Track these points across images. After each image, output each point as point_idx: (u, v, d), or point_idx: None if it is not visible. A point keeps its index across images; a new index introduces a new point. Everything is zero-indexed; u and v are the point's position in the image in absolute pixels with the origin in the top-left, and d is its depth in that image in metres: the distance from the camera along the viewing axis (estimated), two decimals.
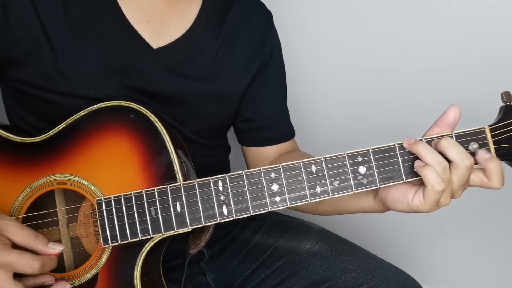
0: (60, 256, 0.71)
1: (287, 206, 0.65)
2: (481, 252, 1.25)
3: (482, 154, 0.62)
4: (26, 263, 0.59)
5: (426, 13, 1.05)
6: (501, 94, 0.66)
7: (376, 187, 0.65)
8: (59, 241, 0.73)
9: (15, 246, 0.62)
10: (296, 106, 0.95)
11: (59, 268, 0.70)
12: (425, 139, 0.65)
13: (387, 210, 0.70)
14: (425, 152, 0.62)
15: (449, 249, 1.27)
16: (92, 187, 0.68)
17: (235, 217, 0.65)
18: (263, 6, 0.91)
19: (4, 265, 0.58)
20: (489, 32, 1.02)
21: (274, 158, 0.90)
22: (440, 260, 1.29)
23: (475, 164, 0.63)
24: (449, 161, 0.62)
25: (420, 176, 0.63)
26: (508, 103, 0.65)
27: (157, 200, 0.66)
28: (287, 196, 0.65)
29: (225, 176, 0.66)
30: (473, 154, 0.63)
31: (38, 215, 0.70)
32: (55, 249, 0.63)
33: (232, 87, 0.83)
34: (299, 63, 1.03)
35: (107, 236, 0.67)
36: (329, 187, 0.65)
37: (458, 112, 0.64)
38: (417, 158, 0.64)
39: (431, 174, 0.61)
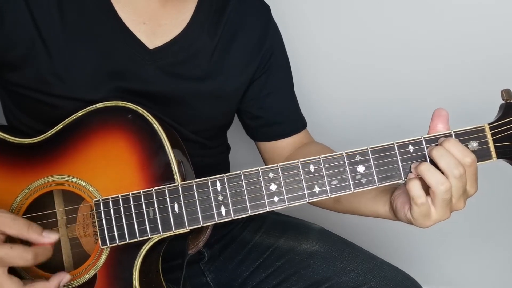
0: (60, 257, 0.72)
1: (285, 206, 0.65)
2: (481, 252, 1.25)
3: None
4: (18, 256, 0.58)
5: (426, 12, 1.04)
6: (501, 91, 0.65)
7: (375, 187, 0.64)
8: (58, 242, 0.73)
9: (11, 238, 0.61)
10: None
11: (59, 269, 0.70)
12: (424, 137, 0.64)
13: (399, 220, 0.70)
14: (427, 172, 0.61)
15: (449, 249, 1.27)
16: (90, 188, 0.68)
17: (233, 217, 0.65)
18: (260, 1, 0.90)
19: None
20: (489, 31, 1.02)
21: (290, 152, 0.90)
22: (440, 260, 1.29)
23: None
24: None
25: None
26: (508, 101, 0.65)
27: (155, 201, 0.66)
28: (285, 196, 0.65)
29: (223, 176, 0.65)
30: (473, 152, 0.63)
31: (37, 216, 0.70)
32: (49, 238, 0.62)
33: (231, 86, 0.83)
34: (298, 62, 1.02)
35: (105, 237, 0.66)
36: (327, 186, 0.64)
37: (442, 109, 0.64)
38: (417, 158, 0.64)
39: (414, 187, 0.61)
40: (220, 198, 0.65)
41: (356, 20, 1.09)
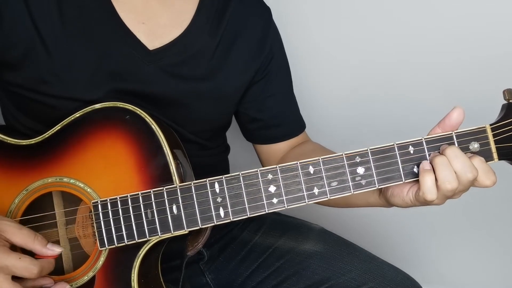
0: (59, 257, 0.71)
1: (284, 208, 0.64)
2: (481, 252, 1.25)
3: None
4: (25, 268, 0.58)
5: (428, 11, 1.03)
6: (503, 91, 0.64)
7: (375, 188, 0.64)
8: (57, 242, 0.72)
9: (14, 247, 0.61)
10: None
11: (58, 270, 0.70)
12: (425, 138, 0.64)
13: (391, 205, 0.70)
14: (440, 166, 0.60)
15: (449, 249, 1.26)
16: (88, 189, 0.68)
17: (232, 219, 0.65)
18: (261, 2, 0.89)
19: (1, 268, 0.58)
20: (491, 29, 1.01)
21: (286, 152, 0.90)
22: (440, 260, 1.28)
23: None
24: None
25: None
26: (510, 101, 0.64)
27: (153, 203, 0.66)
28: (284, 198, 0.64)
29: (222, 177, 0.65)
30: (474, 153, 0.62)
31: (36, 217, 0.70)
32: (53, 250, 0.62)
33: (230, 87, 0.82)
34: (298, 61, 1.02)
35: (103, 238, 0.66)
36: (327, 188, 0.64)
37: (461, 115, 0.63)
38: (417, 159, 0.63)
39: (428, 183, 0.61)
40: (219, 199, 0.65)
41: (355, 20, 1.08)
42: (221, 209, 0.65)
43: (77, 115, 0.70)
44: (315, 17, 1.10)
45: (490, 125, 0.63)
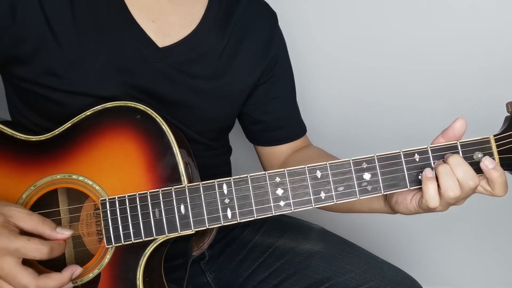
0: (62, 255, 0.72)
1: (291, 211, 0.66)
2: (481, 252, 1.26)
3: (486, 164, 0.63)
4: (35, 248, 0.59)
5: (435, 20, 1.03)
6: (507, 104, 0.66)
7: (381, 194, 0.65)
8: None
9: (23, 233, 0.61)
10: (300, 108, 0.95)
11: (61, 267, 0.70)
12: (430, 147, 0.65)
13: (396, 212, 0.71)
14: (443, 175, 0.62)
15: (449, 249, 1.28)
16: (97, 187, 0.68)
17: (239, 221, 0.66)
18: (267, 6, 0.90)
19: (12, 251, 0.58)
20: (500, 40, 1.01)
21: (287, 156, 0.91)
22: (440, 260, 1.30)
23: (479, 173, 0.63)
24: None
25: None
26: None
27: (161, 202, 0.66)
28: (291, 201, 0.65)
29: (230, 179, 0.66)
30: (477, 163, 0.64)
31: (41, 214, 0.70)
32: (63, 233, 0.63)
33: (236, 88, 0.83)
34: (300, 65, 1.02)
35: (110, 236, 0.67)
36: (333, 192, 0.65)
37: (464, 125, 0.64)
38: (422, 167, 0.64)
39: (430, 190, 0.62)
40: (227, 201, 0.66)
41: (360, 25, 1.08)
42: (228, 210, 0.66)
43: (88, 113, 0.70)
44: (318, 21, 1.10)
45: (494, 136, 0.65)
